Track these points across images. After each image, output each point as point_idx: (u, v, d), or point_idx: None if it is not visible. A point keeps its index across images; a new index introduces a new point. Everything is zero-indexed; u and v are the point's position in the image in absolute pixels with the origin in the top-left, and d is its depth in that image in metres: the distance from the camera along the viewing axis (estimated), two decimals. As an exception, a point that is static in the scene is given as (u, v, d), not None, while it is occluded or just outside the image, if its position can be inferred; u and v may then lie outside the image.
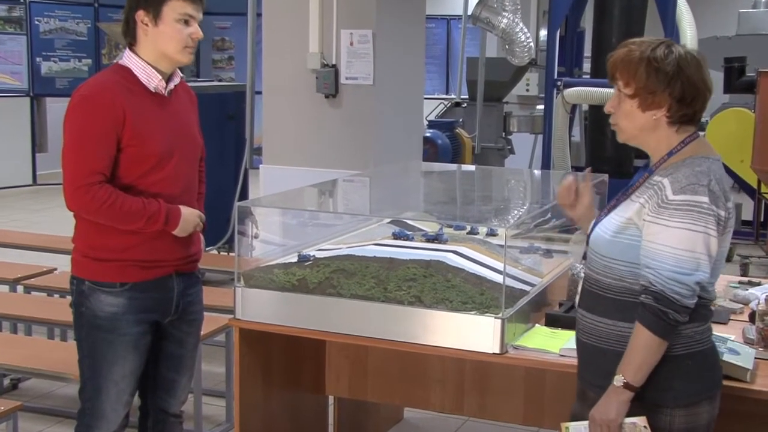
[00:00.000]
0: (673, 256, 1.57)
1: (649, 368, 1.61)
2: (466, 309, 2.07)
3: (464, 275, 2.19)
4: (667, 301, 1.58)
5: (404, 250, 2.39)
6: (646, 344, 1.59)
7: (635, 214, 1.64)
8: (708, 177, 1.60)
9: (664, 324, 1.58)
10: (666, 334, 1.59)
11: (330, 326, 2.17)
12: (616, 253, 1.67)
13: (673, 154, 1.66)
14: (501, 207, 2.74)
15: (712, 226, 1.59)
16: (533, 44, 6.15)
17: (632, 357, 1.61)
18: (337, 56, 3.87)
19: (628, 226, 1.66)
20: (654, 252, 1.59)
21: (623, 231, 1.66)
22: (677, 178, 1.61)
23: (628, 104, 1.65)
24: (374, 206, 2.90)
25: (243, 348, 2.26)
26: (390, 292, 2.13)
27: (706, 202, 1.58)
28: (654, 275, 1.59)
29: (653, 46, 1.62)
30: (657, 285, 1.58)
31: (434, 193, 3.03)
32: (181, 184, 2.13)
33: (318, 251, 2.45)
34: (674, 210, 1.59)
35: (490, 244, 2.50)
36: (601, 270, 1.70)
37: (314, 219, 2.68)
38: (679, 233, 1.58)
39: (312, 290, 2.19)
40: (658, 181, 1.64)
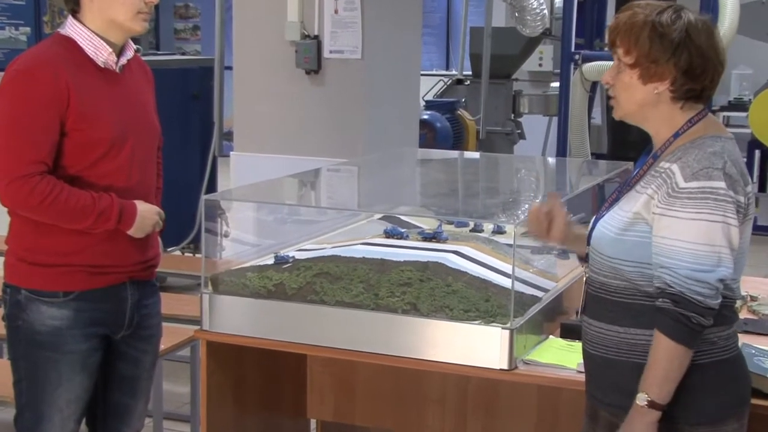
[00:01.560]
0: (690, 252, 1.57)
1: (675, 381, 1.61)
2: (469, 318, 2.07)
3: (467, 279, 2.19)
4: (688, 303, 1.57)
5: (398, 250, 2.39)
6: (668, 354, 1.59)
7: (643, 208, 1.64)
8: (722, 159, 1.60)
9: (687, 330, 1.58)
10: (690, 341, 1.59)
11: (312, 338, 2.17)
12: (622, 252, 1.67)
13: (679, 136, 1.65)
14: (509, 200, 2.74)
15: (731, 214, 1.58)
16: (547, 12, 6.15)
17: (654, 370, 1.60)
18: (319, 26, 3.86)
19: (635, 221, 1.66)
20: (668, 249, 1.60)
21: (630, 227, 1.66)
22: (687, 162, 1.61)
23: (627, 75, 1.64)
24: (363, 200, 2.90)
25: (211, 364, 2.27)
26: (381, 299, 2.13)
27: (723, 188, 1.58)
28: (670, 275, 1.59)
29: (660, 9, 1.61)
30: (675, 286, 1.58)
31: (432, 184, 3.03)
32: (136, 175, 2.12)
33: (298, 252, 2.44)
34: (687, 199, 1.58)
35: (496, 244, 2.50)
36: (606, 272, 1.70)
37: (294, 215, 2.67)
38: (695, 225, 1.57)
39: (291, 297, 2.20)
40: (665, 168, 1.63)
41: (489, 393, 2.48)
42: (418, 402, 2.56)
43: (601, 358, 1.72)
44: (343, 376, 2.63)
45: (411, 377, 2.53)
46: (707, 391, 1.63)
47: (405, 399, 2.57)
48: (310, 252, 2.44)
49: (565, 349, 2.10)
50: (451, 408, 2.53)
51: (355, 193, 2.97)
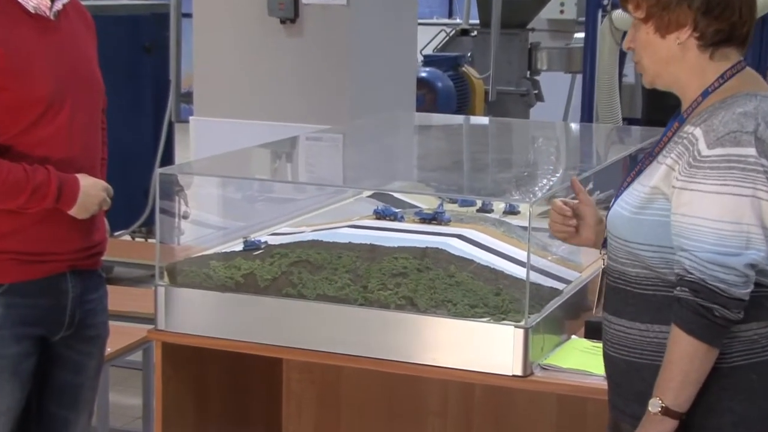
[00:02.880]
0: (713, 232, 1.57)
1: (696, 385, 1.61)
2: (475, 315, 2.07)
3: (473, 268, 2.19)
4: (709, 292, 1.57)
5: (390, 234, 2.39)
6: (687, 353, 1.60)
7: (662, 180, 1.65)
8: (755, 121, 1.59)
9: (708, 324, 1.58)
10: (713, 338, 1.59)
11: (288, 339, 2.17)
12: (640, 235, 1.68)
13: (709, 94, 1.66)
14: (524, 174, 2.73)
15: (763, 186, 1.58)
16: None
17: (670, 372, 1.62)
18: (296, -36, 3.88)
19: (653, 197, 1.67)
20: (688, 228, 1.60)
21: (648, 205, 1.67)
22: (712, 125, 1.61)
23: (643, 32, 1.67)
24: (349, 174, 2.90)
25: (167, 370, 2.27)
26: (371, 293, 2.13)
27: (753, 155, 1.58)
28: (690, 259, 1.59)
29: None
30: (695, 272, 1.58)
31: (432, 155, 3.03)
32: (77, 142, 2.11)
33: (272, 236, 2.43)
34: (710, 169, 1.59)
35: (508, 226, 2.49)
36: (624, 258, 1.71)
37: (266, 192, 2.66)
38: (718, 200, 1.58)
39: (263, 290, 2.19)
40: (689, 133, 1.64)
41: (499, 404, 2.48)
42: (415, 415, 2.56)
43: (622, 361, 1.73)
44: (325, 384, 2.64)
45: (406, 386, 2.53)
46: (747, 398, 1.63)
47: (399, 411, 2.58)
48: (286, 236, 2.43)
49: (591, 352, 2.09)
50: (454, 422, 2.54)
51: (339, 165, 2.96)
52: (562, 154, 3.17)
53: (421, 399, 2.56)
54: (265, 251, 2.30)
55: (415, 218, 2.54)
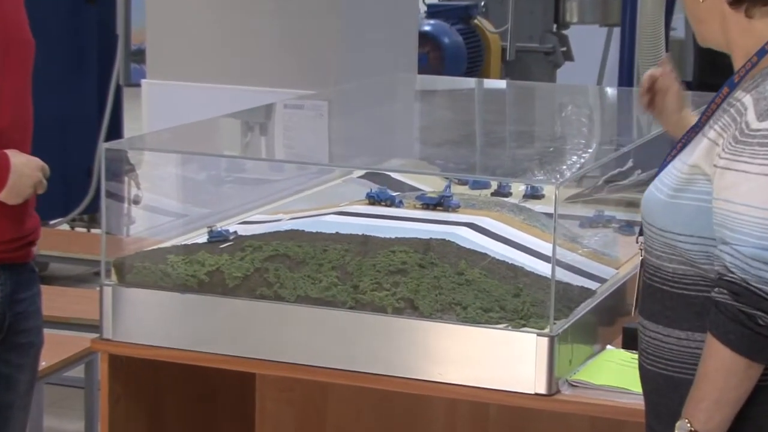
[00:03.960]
0: (759, 222, 1.58)
1: (732, 407, 1.63)
2: (490, 320, 2.07)
3: (487, 264, 2.18)
4: (752, 296, 1.58)
5: (387, 222, 2.39)
6: (723, 368, 1.61)
7: (703, 157, 1.66)
8: None
9: (749, 334, 1.59)
10: (755, 351, 1.60)
11: (263, 350, 2.17)
12: (677, 223, 1.68)
13: (766, 53, 1.66)
14: (549, 150, 2.72)
15: None
16: None
17: (703, 389, 1.63)
18: None
19: (692, 177, 1.67)
20: (730, 216, 1.61)
21: (686, 187, 1.67)
22: (765, 92, 1.62)
23: None
24: (337, 150, 2.91)
25: (116, 388, 2.26)
26: (363, 293, 2.13)
27: None
28: (731, 255, 1.60)
29: None
30: (736, 271, 1.59)
31: (437, 127, 3.02)
32: (7, 112, 2.12)
33: (242, 225, 2.43)
34: (759, 146, 1.60)
35: (530, 213, 2.49)
36: (659, 251, 1.72)
37: (236, 171, 2.65)
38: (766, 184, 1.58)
39: (233, 290, 2.19)
40: (738, 100, 1.65)
41: (519, 429, 2.48)
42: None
43: (659, 375, 1.74)
44: (307, 405, 2.64)
45: (406, 407, 2.53)
46: None
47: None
48: (259, 225, 2.42)
49: (630, 365, 2.07)
50: (464, 450, 2.56)
51: (324, 139, 2.94)
52: (596, 125, 3.16)
53: (424, 423, 2.56)
54: (235, 243, 2.29)
55: (416, 203, 2.53)
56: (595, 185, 2.47)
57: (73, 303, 3.20)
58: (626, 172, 2.49)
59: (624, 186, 2.52)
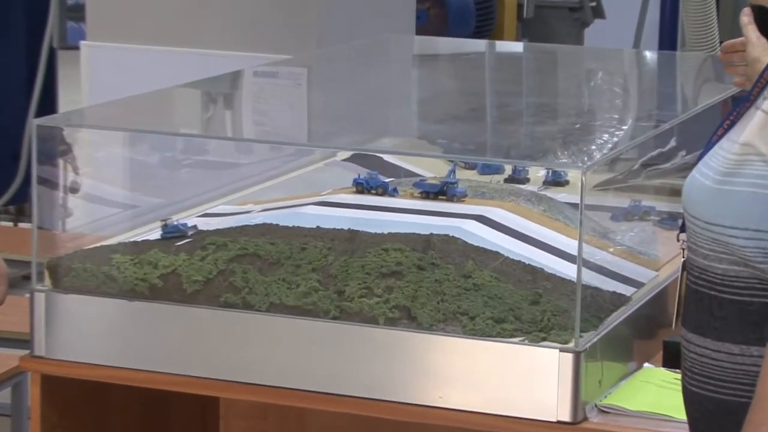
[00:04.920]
0: None
1: None
2: (502, 333, 2.07)
3: (500, 265, 2.19)
4: None
5: (378, 215, 2.39)
6: None
7: (757, 134, 1.67)
8: None
9: None
10: None
11: (229, 369, 2.17)
12: (728, 214, 1.68)
13: None
14: (575, 127, 2.72)
15: None
16: None
17: (761, 413, 1.63)
18: None
19: (744, 158, 1.68)
20: None
21: (737, 170, 1.68)
22: None
23: None
24: (318, 127, 2.89)
25: (50, 416, 2.26)
26: (350, 301, 2.13)
27: None
28: None
29: None
30: None
31: (440, 99, 3.02)
32: None
33: (204, 218, 2.44)
34: None
35: (551, 203, 2.49)
36: (706, 248, 1.73)
37: (195, 153, 2.65)
38: None
39: (192, 297, 2.19)
40: None
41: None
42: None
43: (707, 399, 1.74)
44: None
45: (402, 437, 2.56)
46: None
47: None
48: (224, 219, 2.42)
49: (672, 386, 2.09)
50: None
51: (303, 114, 2.94)
52: (632, 96, 3.14)
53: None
54: (194, 240, 2.29)
55: (414, 192, 2.53)
56: (630, 169, 2.47)
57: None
58: (668, 153, 2.49)
59: (666, 170, 2.52)
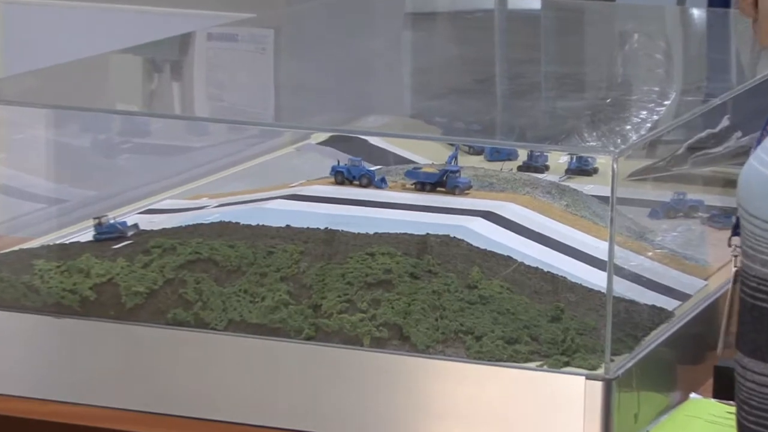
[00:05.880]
0: None
1: None
2: (516, 356, 2.07)
3: (512, 273, 2.21)
4: None
5: (363, 210, 2.42)
6: None
7: None
8: None
9: None
10: None
11: (179, 403, 2.19)
12: None
13: None
14: (605, 102, 2.75)
15: None
16: None
17: None
18: None
19: None
20: None
21: None
22: None
23: None
24: (288, 102, 2.88)
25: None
26: (328, 317, 2.14)
27: None
28: None
29: None
30: None
31: (437, 68, 3.04)
32: None
33: (147, 215, 2.48)
34: None
35: (575, 196, 2.53)
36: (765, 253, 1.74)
37: (136, 134, 2.70)
38: None
39: (132, 313, 2.21)
40: None
41: None
42: None
43: None
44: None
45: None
46: None
47: None
48: (172, 216, 2.47)
49: (724, 422, 2.12)
50: None
51: (268, 87, 2.98)
52: (675, 64, 3.17)
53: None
54: (136, 243, 2.31)
55: (406, 182, 2.56)
56: (673, 155, 2.49)
57: None
58: (720, 134, 2.52)
59: (717, 156, 2.54)
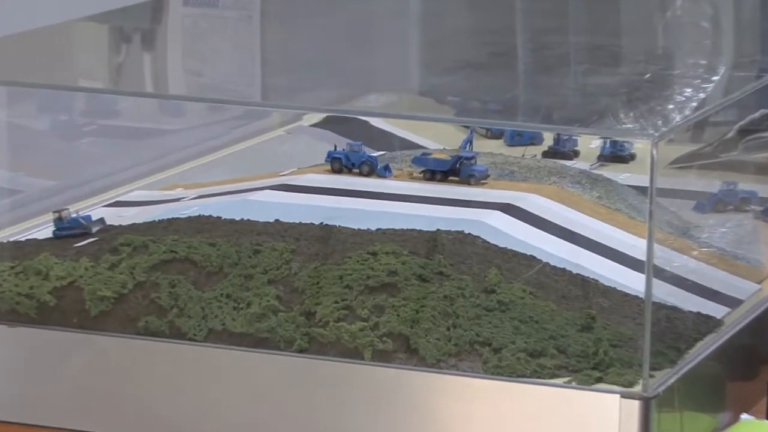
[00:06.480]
0: None
1: None
2: (540, 372, 2.07)
3: (535, 275, 2.21)
4: None
5: (364, 203, 2.45)
6: None
7: None
8: None
9: None
10: None
11: (151, 424, 2.19)
12: None
13: None
14: (643, 78, 2.74)
15: None
16: None
17: None
18: None
19: None
20: None
21: None
22: None
23: None
24: (277, 79, 2.89)
25: None
26: (323, 326, 2.14)
27: None
28: None
29: None
30: None
31: (449, 38, 3.06)
32: None
33: (114, 208, 2.52)
34: None
35: (608, 186, 2.56)
36: None
37: (102, 115, 2.73)
38: None
39: (98, 321, 2.22)
40: None
41: None
42: None
43: None
44: None
45: None
46: None
47: None
48: (144, 209, 2.49)
49: None
50: None
51: (256, 60, 3.00)
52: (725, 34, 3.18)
53: None
54: (102, 240, 2.33)
55: (414, 170, 2.58)
56: (722, 139, 2.48)
57: None
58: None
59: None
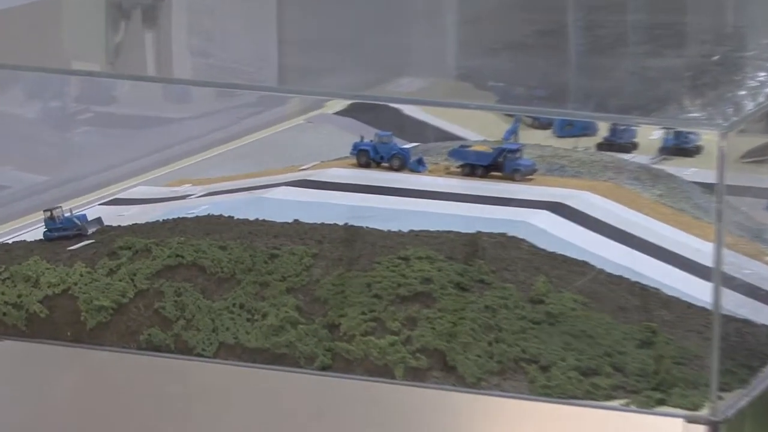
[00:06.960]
0: None
1: None
2: (595, 392, 2.05)
3: (589, 283, 2.19)
4: None
5: (394, 201, 2.43)
6: None
7: None
8: None
9: None
10: None
11: None
12: None
13: None
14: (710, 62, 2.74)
15: None
16: None
17: None
18: None
19: None
20: None
21: None
22: None
23: None
24: (296, 61, 2.88)
25: None
26: (348, 340, 2.12)
27: None
28: None
29: None
30: None
31: (489, 18, 3.04)
32: None
33: (113, 206, 2.50)
34: None
35: (671, 183, 2.54)
36: None
37: (99, 103, 2.71)
38: None
39: (95, 334, 2.20)
40: None
41: None
42: None
43: None
44: None
45: None
46: None
47: None
48: (146, 207, 2.47)
49: None
50: None
51: (272, 41, 2.98)
52: None
53: None
54: (99, 242, 2.31)
55: (451, 164, 2.57)
56: None
57: None
58: None
59: None
